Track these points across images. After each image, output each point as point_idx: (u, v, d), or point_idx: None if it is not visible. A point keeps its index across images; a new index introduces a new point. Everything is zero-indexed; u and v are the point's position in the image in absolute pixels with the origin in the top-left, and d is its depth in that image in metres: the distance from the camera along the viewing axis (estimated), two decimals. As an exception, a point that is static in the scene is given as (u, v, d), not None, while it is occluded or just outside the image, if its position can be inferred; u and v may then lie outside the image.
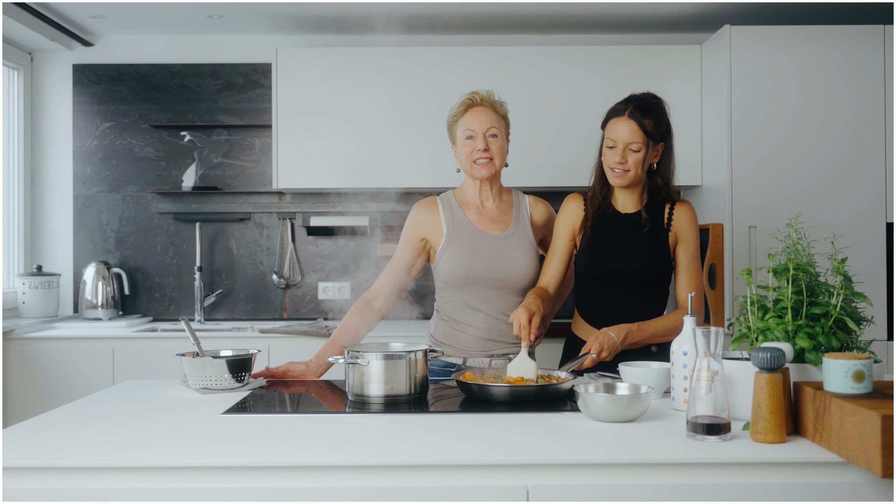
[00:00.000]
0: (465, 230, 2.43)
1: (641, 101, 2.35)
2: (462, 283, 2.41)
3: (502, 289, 2.41)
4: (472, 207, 2.47)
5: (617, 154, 2.32)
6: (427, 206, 2.49)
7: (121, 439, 1.63)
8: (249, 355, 2.16)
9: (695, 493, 1.45)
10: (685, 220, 2.40)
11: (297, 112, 3.95)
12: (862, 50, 3.67)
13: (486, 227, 2.45)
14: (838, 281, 1.70)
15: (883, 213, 3.67)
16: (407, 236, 2.48)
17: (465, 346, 2.43)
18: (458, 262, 2.39)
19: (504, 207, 2.49)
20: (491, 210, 2.48)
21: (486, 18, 4.05)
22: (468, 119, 2.40)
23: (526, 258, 2.43)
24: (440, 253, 2.43)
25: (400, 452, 1.52)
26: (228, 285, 4.33)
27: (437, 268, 2.45)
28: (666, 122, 2.37)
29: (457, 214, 2.46)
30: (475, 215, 2.46)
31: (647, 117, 2.31)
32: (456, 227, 2.44)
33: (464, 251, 2.40)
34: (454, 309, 2.45)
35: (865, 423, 1.38)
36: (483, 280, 2.40)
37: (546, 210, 2.55)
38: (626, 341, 2.25)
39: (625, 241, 2.39)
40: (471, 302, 2.42)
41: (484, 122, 2.39)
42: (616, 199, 2.43)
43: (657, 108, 2.35)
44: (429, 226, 2.46)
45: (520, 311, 2.17)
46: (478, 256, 2.40)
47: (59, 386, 3.66)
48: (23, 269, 4.26)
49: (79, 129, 4.32)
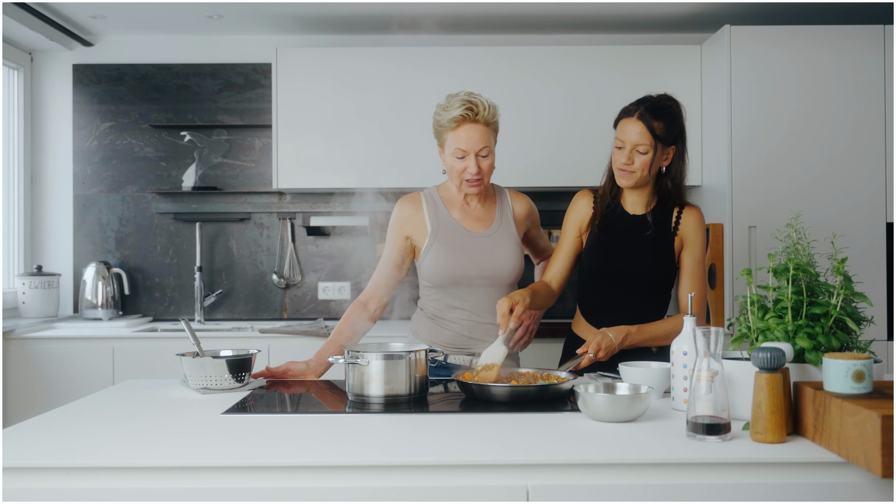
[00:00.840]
0: (450, 229, 2.42)
1: (654, 103, 2.32)
2: (447, 282, 2.40)
3: (487, 286, 2.40)
4: (457, 206, 2.46)
5: (624, 155, 2.31)
6: (410, 202, 2.46)
7: (121, 439, 1.63)
8: (249, 355, 2.16)
9: (695, 493, 1.45)
10: (693, 225, 2.39)
11: (297, 112, 3.95)
12: (862, 50, 3.67)
13: (471, 226, 2.44)
14: (838, 281, 1.70)
15: (883, 213, 3.67)
16: (393, 234, 2.46)
17: (447, 342, 2.43)
18: (443, 261, 2.38)
19: (488, 205, 2.48)
20: (475, 208, 2.46)
21: (486, 18, 4.05)
22: (460, 135, 2.29)
23: (511, 255, 2.42)
24: (424, 252, 2.42)
25: (400, 452, 1.52)
26: (228, 285, 4.33)
27: (422, 267, 2.44)
28: (678, 126, 2.34)
29: (441, 212, 2.44)
30: (459, 213, 2.45)
31: (658, 120, 2.29)
32: (440, 225, 2.42)
33: (448, 250, 2.39)
34: (438, 307, 2.45)
35: (865, 423, 1.38)
36: (468, 278, 2.39)
37: (527, 204, 2.53)
38: (625, 343, 2.26)
39: (631, 243, 2.38)
40: (454, 300, 2.42)
41: (477, 142, 2.29)
42: (625, 200, 2.43)
43: (669, 110, 2.32)
44: (413, 223, 2.44)
45: (504, 300, 2.16)
46: (463, 255, 2.39)
47: (59, 386, 3.66)
48: (23, 269, 4.26)
49: (79, 129, 4.32)
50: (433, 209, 2.44)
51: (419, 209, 2.44)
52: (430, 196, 2.47)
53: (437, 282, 2.41)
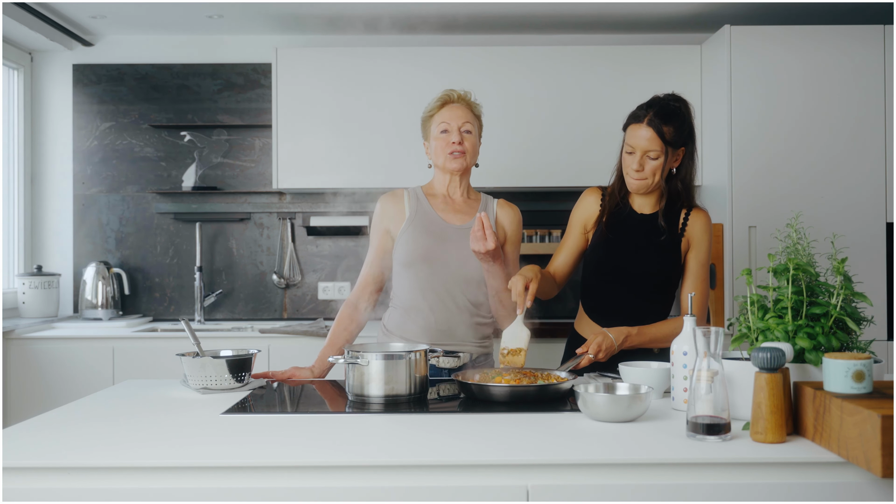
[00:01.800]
0: (428, 216, 2.44)
1: (662, 107, 2.29)
2: (417, 261, 2.38)
3: (457, 281, 2.38)
4: (439, 198, 2.48)
5: (635, 161, 2.30)
6: (392, 196, 2.50)
7: (121, 439, 1.63)
8: (249, 355, 2.16)
9: (695, 493, 1.45)
10: (700, 228, 2.38)
11: (297, 112, 3.95)
12: (862, 50, 3.67)
13: (449, 217, 2.45)
14: (838, 281, 1.70)
15: (883, 213, 3.67)
16: (375, 230, 2.48)
17: (418, 336, 2.41)
18: (416, 241, 2.39)
19: (471, 203, 2.49)
20: (458, 202, 2.48)
21: (486, 18, 4.05)
22: (444, 114, 2.43)
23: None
24: (399, 235, 2.43)
25: (400, 452, 1.52)
26: (228, 285, 4.33)
27: (396, 250, 2.44)
28: (687, 127, 2.32)
29: (421, 203, 2.46)
30: (441, 204, 2.46)
31: (667, 124, 2.27)
32: (418, 213, 2.44)
33: (423, 233, 2.40)
34: (406, 294, 2.42)
35: (865, 423, 1.38)
36: (438, 264, 2.37)
37: (514, 214, 2.51)
38: (625, 344, 2.26)
39: (637, 243, 2.38)
40: (423, 288, 2.39)
41: (460, 116, 2.42)
42: (633, 199, 2.42)
43: (678, 113, 2.30)
44: (391, 214, 2.46)
45: (516, 277, 2.15)
46: (436, 240, 2.39)
47: (59, 386, 3.66)
48: (23, 269, 4.26)
49: (79, 129, 4.32)
50: (414, 201, 2.47)
51: (400, 202, 2.47)
52: (412, 191, 2.50)
53: (407, 262, 2.40)
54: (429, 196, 2.49)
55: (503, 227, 2.49)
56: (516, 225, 2.51)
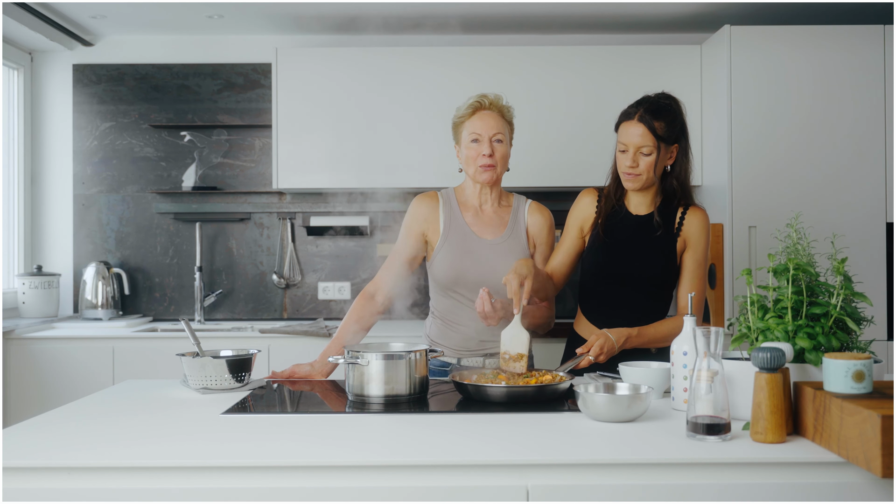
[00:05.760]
0: (461, 232, 2.43)
1: (653, 104, 2.31)
2: (452, 284, 2.41)
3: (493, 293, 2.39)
4: (471, 209, 2.47)
5: (628, 158, 2.30)
6: (428, 200, 2.48)
7: (121, 439, 1.63)
8: (249, 355, 2.16)
9: (695, 493, 1.45)
10: (696, 226, 2.37)
11: (297, 112, 3.95)
12: (862, 50, 3.67)
13: (481, 231, 2.44)
14: (838, 281, 1.70)
15: (883, 214, 3.67)
16: (408, 228, 2.47)
17: (459, 345, 2.43)
18: (450, 264, 2.39)
19: (502, 212, 2.48)
20: (489, 214, 2.47)
21: (487, 18, 4.05)
22: (475, 122, 2.39)
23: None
24: (436, 252, 2.43)
25: (400, 452, 1.52)
26: (228, 285, 4.33)
27: (432, 267, 2.46)
28: (679, 123, 2.33)
29: (454, 214, 2.45)
30: (472, 217, 2.46)
31: (658, 119, 2.28)
32: (452, 227, 2.44)
33: (456, 253, 2.40)
34: (446, 309, 2.45)
35: (865, 423, 1.38)
36: (473, 284, 2.38)
37: (543, 219, 2.49)
38: (625, 345, 2.26)
39: (633, 244, 2.38)
40: (460, 302, 2.42)
41: (491, 126, 2.37)
42: (629, 201, 2.42)
43: (669, 109, 2.31)
44: (429, 221, 2.45)
45: (510, 275, 2.12)
46: (469, 259, 2.40)
47: (58, 386, 3.66)
48: (23, 269, 4.26)
49: (79, 129, 4.32)
50: (448, 209, 2.46)
51: (435, 208, 2.46)
52: (446, 196, 2.49)
53: (442, 283, 2.43)
54: (461, 205, 2.47)
55: (532, 234, 2.48)
56: (547, 230, 2.49)
